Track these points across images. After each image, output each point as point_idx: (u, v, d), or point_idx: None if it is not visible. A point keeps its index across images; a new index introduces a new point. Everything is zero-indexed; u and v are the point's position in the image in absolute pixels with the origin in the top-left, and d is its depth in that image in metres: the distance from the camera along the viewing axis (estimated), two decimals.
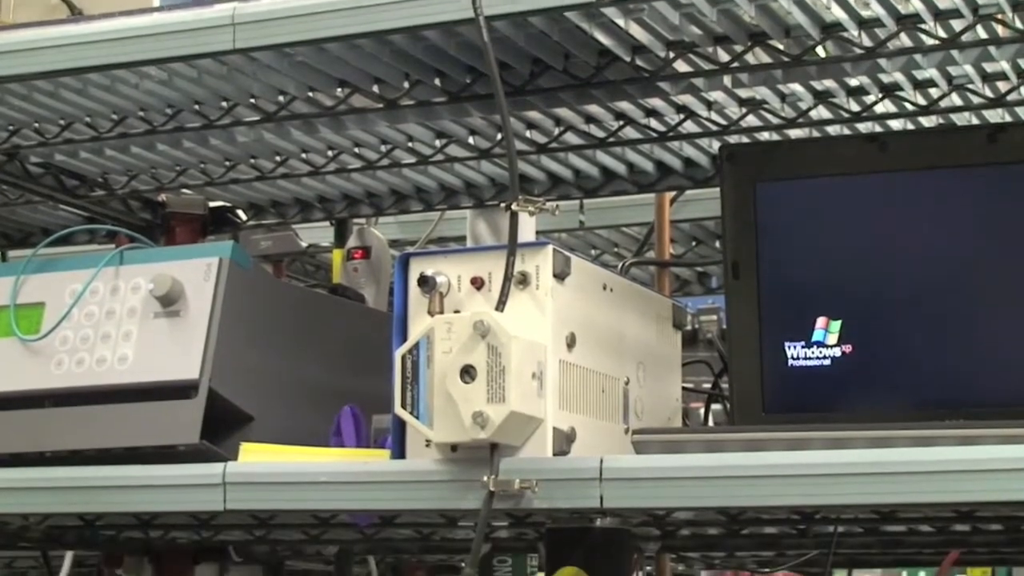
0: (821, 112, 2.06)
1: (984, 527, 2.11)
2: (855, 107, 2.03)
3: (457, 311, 1.71)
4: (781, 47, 1.88)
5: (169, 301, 1.92)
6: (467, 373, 1.66)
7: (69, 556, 2.87)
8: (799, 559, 2.50)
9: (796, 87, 2.02)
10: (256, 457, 1.86)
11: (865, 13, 1.83)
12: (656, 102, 2.09)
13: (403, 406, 1.71)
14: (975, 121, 2.05)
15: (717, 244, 2.90)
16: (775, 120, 2.08)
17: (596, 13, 1.80)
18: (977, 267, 1.84)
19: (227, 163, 2.40)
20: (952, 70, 1.94)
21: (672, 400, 2.00)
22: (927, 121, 2.08)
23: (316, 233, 2.90)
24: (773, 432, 1.69)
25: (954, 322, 1.84)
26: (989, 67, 1.94)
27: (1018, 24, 1.80)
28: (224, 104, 2.13)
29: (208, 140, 2.28)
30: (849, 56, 1.87)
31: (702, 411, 2.44)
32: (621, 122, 2.14)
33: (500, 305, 1.69)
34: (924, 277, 1.86)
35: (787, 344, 1.88)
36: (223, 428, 1.91)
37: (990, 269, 1.84)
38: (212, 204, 2.60)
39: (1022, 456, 1.54)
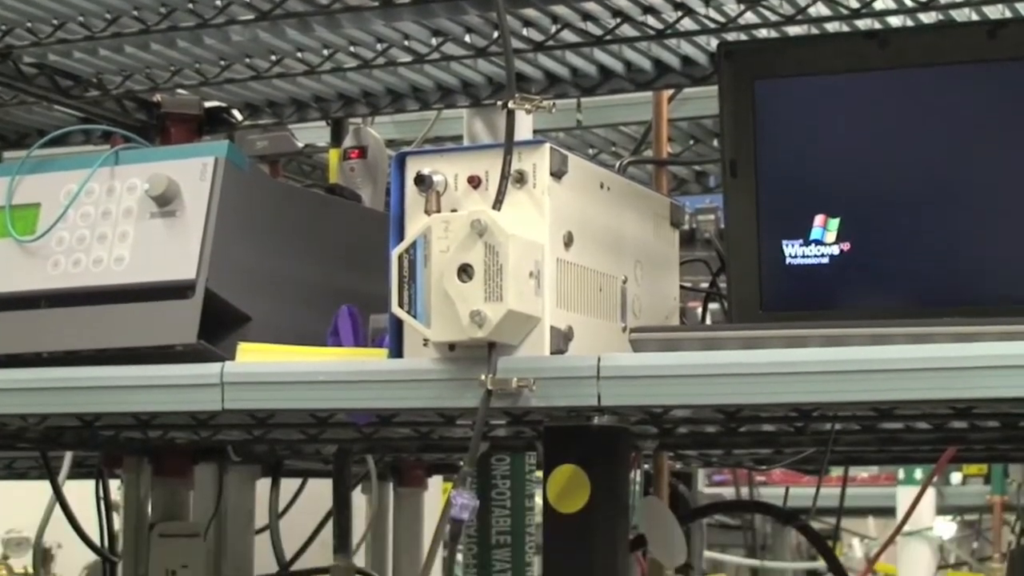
0: (820, 9, 2.05)
1: (981, 424, 2.11)
2: (854, 4, 2.02)
3: (454, 210, 1.71)
4: None
5: (165, 201, 1.92)
6: (464, 272, 1.66)
7: (68, 457, 2.88)
8: (796, 456, 2.51)
9: None
10: (254, 357, 1.86)
11: None
12: None
13: (400, 305, 1.70)
14: (975, 17, 2.04)
15: (715, 143, 2.89)
16: (774, 17, 2.07)
17: None
18: (976, 164, 1.84)
19: (222, 63, 2.39)
20: None
21: (670, 299, 2.00)
22: (926, 17, 2.07)
23: (312, 133, 2.89)
24: (771, 330, 1.69)
25: (952, 220, 1.84)
26: None
27: None
28: (218, 3, 2.11)
29: (203, 39, 2.26)
30: None
31: (700, 310, 2.44)
32: (618, 20, 2.12)
33: (497, 204, 1.68)
34: (922, 174, 1.85)
35: (785, 242, 1.88)
36: (220, 328, 1.90)
37: (989, 166, 1.83)
38: (207, 104, 2.59)
39: (1020, 353, 1.54)
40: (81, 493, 2.97)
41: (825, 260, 1.86)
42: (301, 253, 2.04)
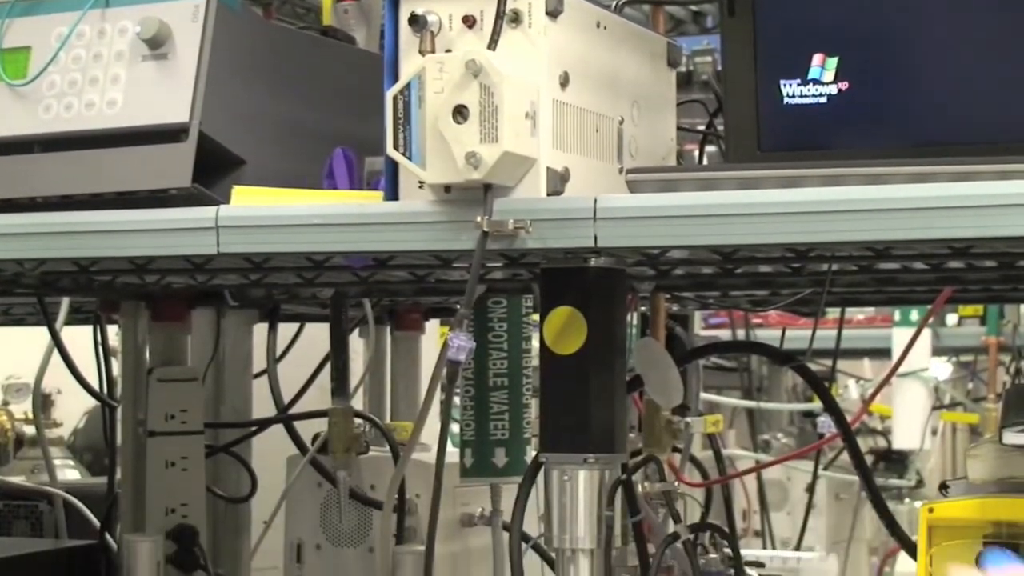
0: None
1: (978, 264, 2.11)
2: None
3: (448, 51, 1.69)
4: None
5: (157, 44, 1.90)
6: (459, 113, 1.64)
7: (65, 302, 2.88)
8: (793, 298, 2.51)
9: None
10: (248, 200, 1.85)
11: None
12: None
13: (395, 147, 1.69)
14: None
15: None
16: None
17: None
18: (975, 2, 1.81)
19: None
20: None
21: (667, 140, 1.99)
22: None
23: None
24: (768, 170, 1.69)
25: (951, 59, 1.82)
26: None
27: None
28: None
29: None
30: None
31: (697, 152, 2.43)
32: None
33: (492, 44, 1.67)
34: (921, 12, 1.83)
35: (783, 82, 1.86)
36: (215, 172, 1.90)
37: (988, 4, 1.81)
38: None
39: (1018, 191, 1.54)
40: (80, 339, 2.98)
41: (823, 100, 1.84)
42: (295, 96, 2.03)
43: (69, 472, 3.86)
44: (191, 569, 2.59)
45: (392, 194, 1.76)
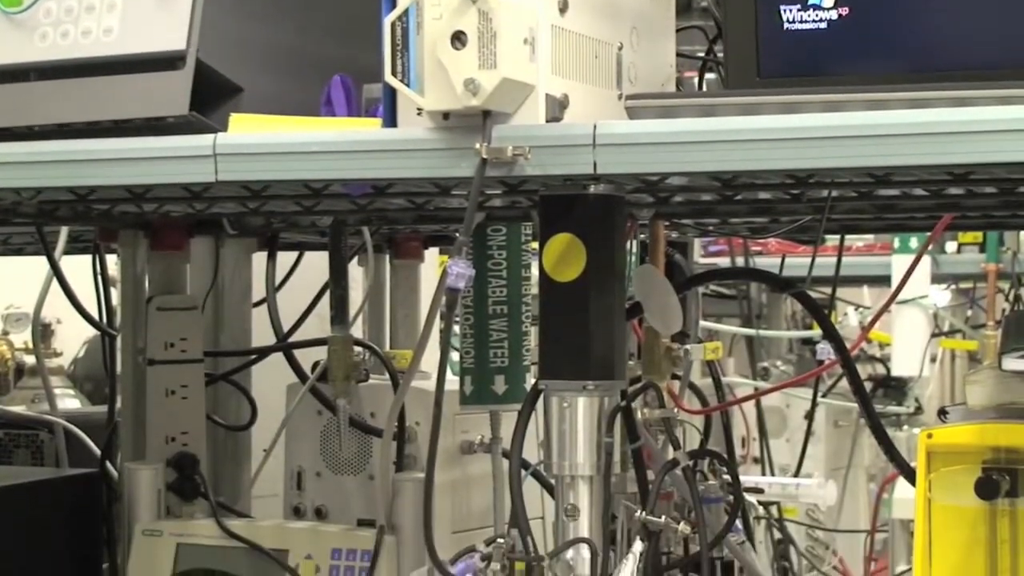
0: None
1: (978, 190, 2.10)
2: None
3: None
4: None
5: None
6: (458, 39, 1.64)
7: (64, 231, 2.88)
8: (792, 225, 2.51)
9: None
10: (246, 128, 1.84)
11: None
12: None
13: (394, 74, 1.69)
14: None
15: None
16: None
17: None
18: None
19: None
20: None
21: (666, 66, 1.98)
22: None
23: None
24: (767, 96, 1.68)
25: None
26: None
27: None
28: None
29: None
30: None
31: (696, 79, 2.42)
32: None
33: None
34: None
35: (783, 7, 1.85)
36: (212, 100, 1.89)
37: None
38: None
39: (1018, 117, 1.53)
40: (79, 268, 2.98)
41: (823, 25, 1.83)
42: (293, 23, 2.02)
43: (69, 401, 3.87)
44: (191, 497, 2.60)
45: (390, 121, 1.75)
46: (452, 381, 2.50)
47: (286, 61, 1.99)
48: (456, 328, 2.56)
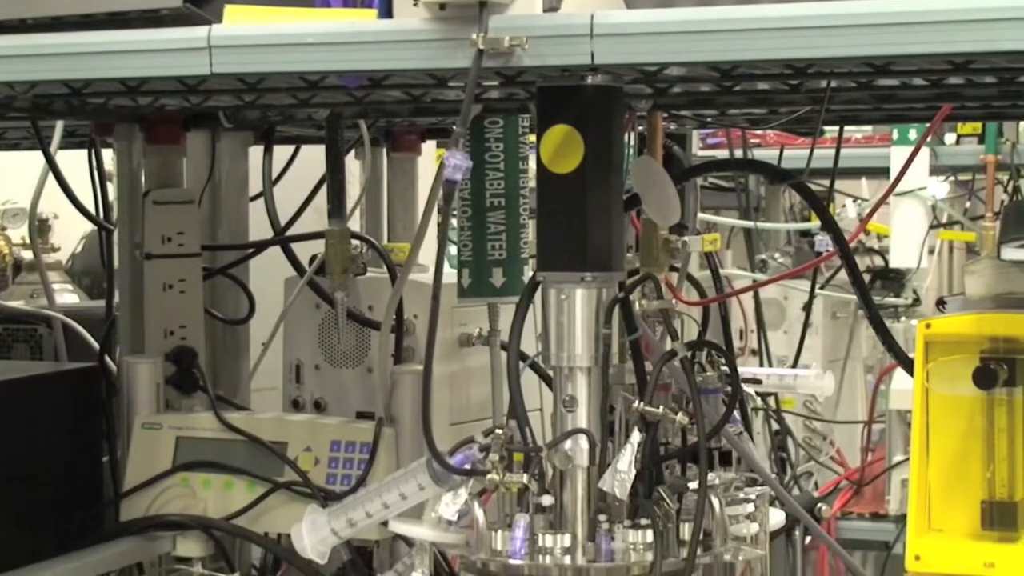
0: None
1: (978, 80, 2.09)
2: None
3: None
4: None
5: None
6: None
7: (59, 126, 2.87)
8: (791, 116, 2.50)
9: None
10: (241, 19, 1.83)
11: None
12: None
13: None
14: None
15: None
16: None
17: None
18: None
19: None
20: None
21: None
22: None
23: None
24: None
25: None
26: None
27: None
28: None
29: None
30: None
31: None
32: None
33: None
34: None
35: None
36: None
37: None
38: None
39: (1019, 5, 1.52)
40: (75, 163, 2.97)
41: None
42: None
43: (67, 296, 3.88)
44: (190, 390, 2.61)
45: (386, 12, 1.74)
46: (450, 274, 2.50)
47: None
48: (454, 221, 2.55)
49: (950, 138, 4.92)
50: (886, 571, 4.27)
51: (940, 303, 1.99)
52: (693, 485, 1.93)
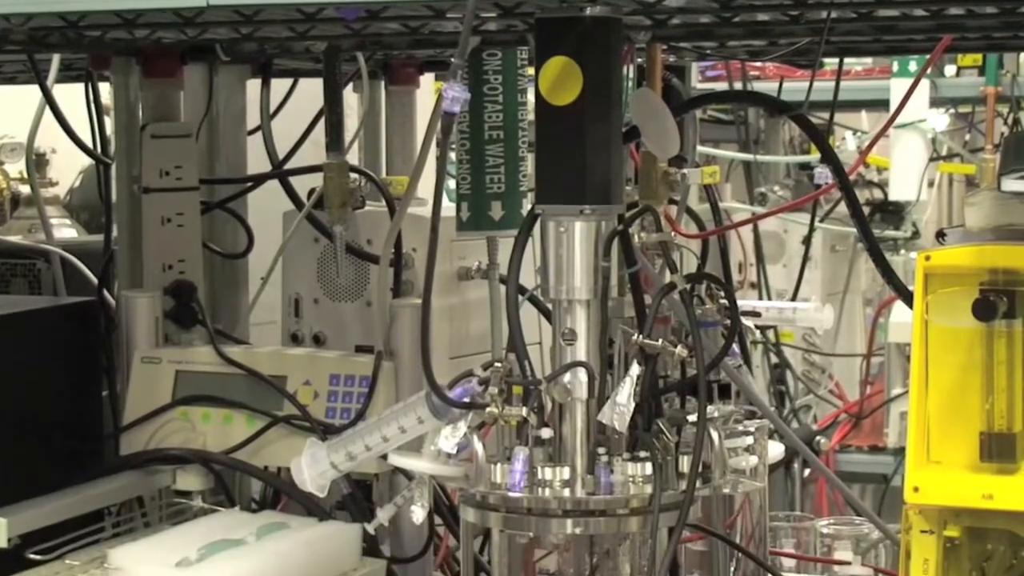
0: None
1: (978, 10, 2.08)
2: None
3: None
4: None
5: None
6: None
7: (56, 59, 2.86)
8: (790, 48, 2.48)
9: None
10: None
11: None
12: None
13: None
14: None
15: None
16: None
17: None
18: None
19: None
20: None
21: None
22: None
23: None
24: None
25: None
26: None
27: None
28: None
29: None
30: None
31: None
32: None
33: None
34: None
35: None
36: None
37: None
38: None
39: None
40: (72, 97, 2.96)
41: None
42: None
43: (66, 230, 3.87)
44: (190, 324, 2.61)
45: None
46: (449, 207, 2.49)
47: None
48: (452, 154, 2.55)
49: (950, 70, 4.91)
50: (884, 503, 4.30)
51: (940, 235, 1.98)
52: (692, 418, 1.93)
